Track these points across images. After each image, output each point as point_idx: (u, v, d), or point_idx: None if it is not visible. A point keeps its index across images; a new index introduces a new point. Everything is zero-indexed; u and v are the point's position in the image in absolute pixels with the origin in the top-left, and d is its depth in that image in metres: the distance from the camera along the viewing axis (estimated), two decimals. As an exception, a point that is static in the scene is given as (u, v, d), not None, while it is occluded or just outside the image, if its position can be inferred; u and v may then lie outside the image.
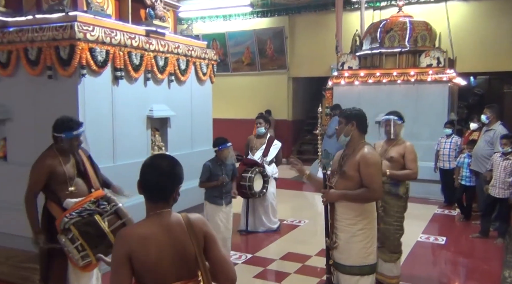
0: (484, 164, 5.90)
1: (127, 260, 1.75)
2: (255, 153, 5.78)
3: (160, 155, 2.02)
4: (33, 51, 4.31)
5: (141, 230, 1.81)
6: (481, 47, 10.05)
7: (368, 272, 3.02)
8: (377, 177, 2.98)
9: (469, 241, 5.79)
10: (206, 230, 1.89)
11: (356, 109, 3.24)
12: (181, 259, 1.82)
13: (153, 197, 1.87)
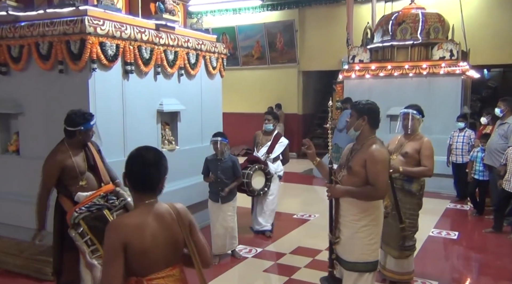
0: (497, 158, 5.80)
1: (122, 250, 1.79)
2: (260, 149, 5.56)
3: (145, 147, 2.06)
4: (44, 46, 4.33)
5: (134, 219, 1.88)
6: (495, 39, 9.87)
7: (371, 268, 2.96)
8: (383, 175, 2.89)
9: (482, 236, 5.72)
10: (190, 218, 2.02)
11: (369, 102, 3.10)
12: (172, 246, 1.91)
13: (140, 188, 1.93)
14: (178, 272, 1.94)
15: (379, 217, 3.01)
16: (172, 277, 1.91)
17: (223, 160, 4.67)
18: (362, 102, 3.10)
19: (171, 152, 5.29)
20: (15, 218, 4.63)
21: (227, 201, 4.71)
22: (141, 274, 1.85)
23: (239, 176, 4.85)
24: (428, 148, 3.91)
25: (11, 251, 4.48)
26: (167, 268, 1.89)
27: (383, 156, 2.91)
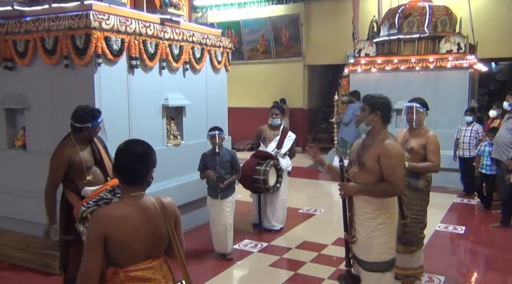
0: (505, 152, 5.74)
1: (102, 240, 1.83)
2: (268, 145, 5.39)
3: (133, 140, 2.11)
4: (49, 41, 4.33)
5: (117, 211, 1.91)
6: (503, 32, 9.76)
7: (390, 268, 2.89)
8: (399, 169, 2.81)
9: (489, 231, 5.68)
10: (177, 214, 2.05)
11: (383, 97, 2.98)
12: (154, 239, 1.93)
13: (128, 180, 1.97)
14: (158, 264, 1.96)
15: (394, 214, 2.95)
16: (152, 269, 1.92)
17: (221, 154, 4.55)
18: (375, 97, 2.99)
19: (176, 146, 5.29)
20: (22, 213, 4.66)
21: (226, 196, 4.57)
22: (120, 265, 1.88)
23: (238, 169, 4.74)
24: (434, 143, 3.83)
25: (18, 245, 4.52)
26: (147, 260, 1.92)
27: (397, 150, 2.83)
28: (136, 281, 1.88)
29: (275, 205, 5.43)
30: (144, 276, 1.90)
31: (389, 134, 2.92)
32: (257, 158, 5.30)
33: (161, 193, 4.86)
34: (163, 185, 5.01)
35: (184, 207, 5.31)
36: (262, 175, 5.07)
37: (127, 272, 1.87)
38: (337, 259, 4.61)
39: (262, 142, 5.47)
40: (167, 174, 5.09)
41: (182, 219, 6.02)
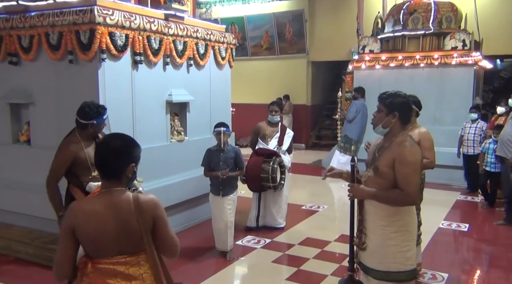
0: (510, 149, 5.72)
1: (71, 232, 1.86)
2: (269, 142, 5.34)
3: (114, 134, 2.07)
4: (54, 36, 4.34)
5: (87, 206, 1.93)
6: (509, 29, 9.68)
7: (406, 278, 2.67)
8: (414, 178, 2.57)
9: (493, 228, 5.67)
10: (156, 212, 1.97)
11: (401, 95, 2.71)
12: (125, 236, 1.90)
13: (104, 175, 1.95)
14: (135, 261, 1.93)
15: (411, 222, 2.71)
16: (125, 264, 1.91)
17: (225, 151, 4.55)
18: (392, 95, 2.71)
19: (180, 142, 5.29)
20: (26, 207, 4.68)
21: (228, 193, 4.54)
22: (92, 257, 1.91)
23: (242, 167, 4.71)
24: (427, 139, 3.74)
25: (22, 239, 4.54)
26: (120, 255, 1.91)
27: (414, 156, 2.59)
28: (103, 274, 1.88)
29: (279, 202, 5.40)
30: (115, 270, 1.89)
31: (407, 137, 2.69)
32: (259, 155, 5.20)
33: (165, 188, 4.88)
34: (167, 180, 5.02)
35: (187, 203, 5.33)
36: (270, 173, 5.01)
37: (96, 264, 1.89)
38: (340, 255, 4.62)
39: (261, 139, 5.39)
40: (170, 170, 5.11)
41: (186, 215, 6.03)
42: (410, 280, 2.70)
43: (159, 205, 2.01)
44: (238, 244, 4.98)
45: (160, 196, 4.83)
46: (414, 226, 2.74)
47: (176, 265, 4.39)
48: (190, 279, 4.09)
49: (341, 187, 7.80)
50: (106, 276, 1.89)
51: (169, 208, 4.98)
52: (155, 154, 4.88)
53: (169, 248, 2.03)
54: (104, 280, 1.88)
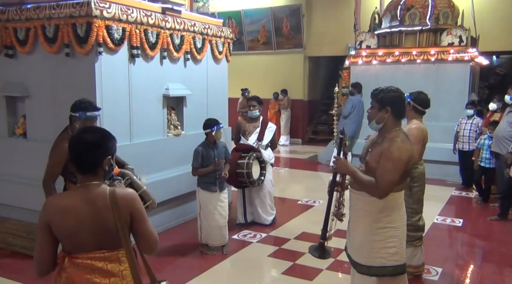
0: (505, 145, 5.76)
1: (47, 228, 1.85)
2: (248, 137, 5.24)
3: (87, 128, 2.07)
4: (50, 29, 4.32)
5: (62, 201, 1.90)
6: (505, 25, 9.72)
7: (388, 273, 2.68)
8: (391, 174, 2.55)
9: (486, 224, 5.72)
10: (134, 206, 1.93)
11: (392, 90, 2.71)
12: (101, 231, 1.87)
13: (80, 169, 1.92)
14: (114, 256, 1.90)
15: (399, 218, 2.71)
16: (103, 260, 1.88)
17: (216, 146, 4.52)
18: (383, 91, 2.72)
19: (176, 136, 5.30)
20: (22, 201, 4.68)
21: (224, 187, 4.56)
22: (69, 251, 1.89)
23: (229, 159, 4.70)
24: (411, 134, 3.57)
25: (18, 233, 4.55)
26: (99, 250, 1.88)
27: (400, 154, 2.57)
28: (81, 269, 1.86)
29: (262, 199, 5.32)
30: (93, 265, 1.87)
31: (401, 133, 2.68)
32: (238, 151, 5.12)
33: (161, 182, 4.89)
34: (163, 174, 5.03)
35: (184, 197, 5.34)
36: (245, 169, 4.93)
37: (74, 258, 1.88)
38: (335, 250, 4.64)
39: (242, 135, 5.32)
40: (167, 164, 5.11)
41: (181, 210, 6.02)
42: (393, 275, 2.71)
43: (137, 200, 1.97)
44: (234, 238, 5.01)
45: (157, 190, 4.85)
46: (401, 223, 2.72)
47: (171, 260, 4.41)
48: (186, 273, 4.11)
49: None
50: (84, 272, 1.86)
51: (165, 202, 5.00)
52: (151, 148, 4.88)
53: (148, 243, 1.98)
54: (82, 275, 1.86)
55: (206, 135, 4.50)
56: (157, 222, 4.97)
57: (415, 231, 3.87)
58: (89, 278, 1.86)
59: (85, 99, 3.39)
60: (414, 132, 3.68)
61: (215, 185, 4.49)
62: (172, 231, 5.10)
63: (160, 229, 5.04)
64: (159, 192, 4.85)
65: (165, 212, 5.09)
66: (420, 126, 3.75)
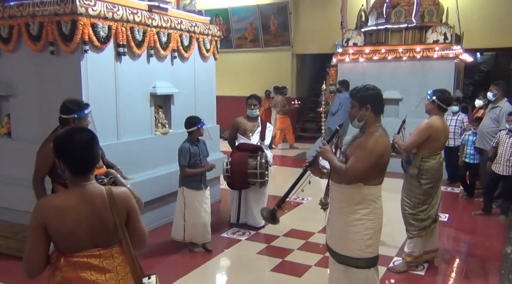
0: (489, 141, 5.87)
1: (41, 229, 1.83)
2: (250, 137, 5.15)
3: (75, 128, 2.08)
4: (34, 27, 4.26)
5: (59, 202, 1.88)
6: (488, 23, 9.87)
7: (366, 265, 2.80)
8: (362, 163, 2.67)
9: (471, 218, 5.82)
10: (130, 204, 1.98)
11: (370, 88, 2.82)
12: (99, 229, 1.89)
13: (77, 170, 1.91)
14: (108, 253, 1.93)
15: (376, 211, 2.80)
16: (99, 257, 1.90)
17: (198, 143, 4.52)
18: (361, 90, 2.83)
19: (164, 135, 5.27)
20: (7, 201, 4.61)
21: (208, 184, 4.60)
22: (64, 252, 1.88)
23: (208, 154, 4.67)
24: (417, 128, 3.98)
25: (4, 233, 4.48)
26: (95, 248, 1.90)
27: (374, 145, 2.70)
28: (76, 267, 1.87)
29: (263, 200, 5.24)
30: (89, 263, 1.88)
31: (380, 128, 2.79)
32: (242, 151, 5.03)
33: (149, 181, 4.87)
34: (151, 173, 5.01)
35: (172, 196, 5.31)
36: (258, 169, 4.90)
37: (69, 257, 1.87)
38: (324, 246, 4.66)
39: (242, 134, 5.18)
40: (155, 163, 5.09)
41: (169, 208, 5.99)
42: (369, 267, 2.81)
43: (132, 198, 2.02)
44: (223, 236, 5.01)
45: (145, 189, 4.84)
46: (378, 216, 2.82)
47: (161, 258, 4.40)
48: (175, 272, 4.11)
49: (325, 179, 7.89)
50: (80, 269, 1.87)
51: (154, 200, 4.98)
52: (139, 146, 4.86)
53: (140, 239, 2.03)
54: (78, 273, 1.86)
55: (190, 133, 4.49)
56: (146, 220, 4.88)
57: (416, 221, 4.02)
58: (85, 276, 1.87)
59: (72, 99, 3.37)
60: (421, 126, 3.94)
61: (201, 182, 4.49)
62: (161, 230, 5.07)
63: (149, 228, 5.01)
64: (147, 191, 4.84)
65: (153, 211, 5.07)
66: (430, 122, 3.96)
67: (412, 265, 4.13)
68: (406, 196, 4.07)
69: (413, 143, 3.93)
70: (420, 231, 4.03)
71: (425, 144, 3.94)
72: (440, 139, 4.00)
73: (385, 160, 2.77)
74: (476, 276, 4.17)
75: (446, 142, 4.18)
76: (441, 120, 4.05)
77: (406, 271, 4.12)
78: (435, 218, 4.15)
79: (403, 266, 4.14)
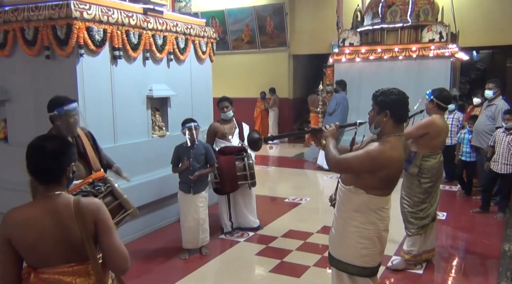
0: (485, 139, 5.88)
1: (7, 243, 1.76)
2: (231, 139, 5.02)
3: (45, 136, 1.97)
4: (29, 31, 4.26)
5: (22, 214, 1.79)
6: (485, 21, 9.90)
7: (356, 273, 2.64)
8: (354, 159, 2.50)
9: (469, 216, 5.83)
10: (99, 217, 1.83)
11: (394, 93, 2.55)
12: (67, 243, 1.78)
13: (43, 180, 1.83)
14: (83, 270, 1.81)
15: (375, 222, 2.58)
16: (72, 275, 1.78)
17: (195, 147, 4.41)
18: (384, 93, 2.57)
19: (161, 137, 5.27)
20: (4, 206, 4.56)
21: (199, 191, 4.43)
22: (34, 266, 1.79)
23: (212, 163, 4.55)
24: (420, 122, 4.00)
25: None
26: (66, 264, 1.78)
27: (378, 154, 2.45)
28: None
29: (251, 201, 5.20)
30: (61, 280, 1.76)
31: (398, 140, 2.53)
32: (227, 154, 4.92)
33: (147, 184, 4.87)
34: (149, 176, 5.01)
35: (170, 199, 5.31)
36: (248, 169, 4.88)
37: (40, 274, 1.77)
38: (323, 246, 4.69)
39: (221, 138, 5.02)
40: (152, 165, 5.09)
41: (167, 211, 5.95)
42: (361, 276, 2.64)
43: (102, 209, 1.86)
44: (222, 238, 5.01)
45: (142, 192, 4.83)
46: (378, 228, 2.60)
47: (159, 261, 4.39)
48: (173, 275, 4.10)
49: (323, 179, 7.91)
50: None
51: (151, 203, 4.98)
52: (136, 149, 4.86)
53: (115, 259, 1.82)
54: None
55: (183, 134, 4.45)
56: (143, 224, 4.95)
57: (415, 219, 4.05)
58: None
59: (57, 96, 3.30)
60: (422, 122, 3.97)
61: (189, 186, 4.40)
62: (158, 233, 5.08)
63: (146, 231, 5.02)
64: (145, 194, 4.84)
65: (151, 214, 5.07)
66: (432, 120, 3.99)
67: (410, 263, 4.14)
68: (405, 194, 4.08)
69: (409, 134, 3.84)
70: (419, 229, 4.05)
71: (424, 142, 3.96)
72: (440, 137, 4.02)
73: (387, 173, 2.51)
74: (474, 274, 4.18)
75: (445, 141, 4.19)
76: (442, 119, 4.08)
77: (404, 269, 4.13)
78: (434, 216, 4.16)
79: (402, 264, 4.15)
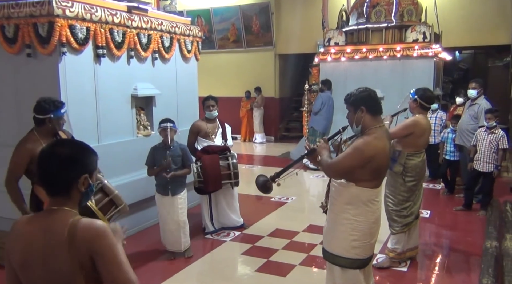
0: (468, 138, 5.98)
1: (7, 257, 1.57)
2: (214, 139, 4.99)
3: (61, 140, 1.80)
4: (10, 29, 4.17)
5: (21, 225, 1.56)
6: (467, 22, 10.05)
7: (347, 265, 2.75)
8: (346, 160, 2.67)
9: (452, 214, 5.92)
10: (95, 249, 1.47)
11: (362, 90, 2.79)
12: (54, 271, 1.48)
13: (47, 190, 1.56)
14: None
15: (366, 214, 2.71)
16: None
17: (171, 148, 4.32)
18: (353, 93, 2.80)
19: (146, 137, 5.22)
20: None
21: (177, 192, 4.35)
22: None
23: (189, 165, 4.47)
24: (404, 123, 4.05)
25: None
26: None
27: (365, 146, 2.62)
28: None
29: (232, 201, 5.18)
30: None
31: (378, 130, 2.71)
32: (212, 153, 4.87)
33: (131, 184, 4.82)
34: (133, 176, 4.95)
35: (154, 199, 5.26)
36: (232, 169, 4.86)
37: None
38: (309, 245, 4.71)
39: (203, 137, 4.98)
40: (137, 165, 5.01)
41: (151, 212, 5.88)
42: (352, 268, 2.76)
43: (104, 236, 1.49)
44: (208, 237, 4.99)
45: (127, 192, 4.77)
46: (368, 220, 2.73)
47: (143, 263, 4.35)
48: (158, 276, 4.07)
49: (309, 179, 7.94)
50: None
51: (136, 204, 4.93)
52: (121, 149, 4.80)
53: None
54: None
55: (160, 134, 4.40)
56: (127, 224, 4.87)
57: (399, 217, 4.10)
58: None
59: (48, 97, 3.28)
60: (407, 122, 4.03)
61: (166, 188, 4.34)
62: (142, 234, 5.03)
63: (130, 232, 4.96)
64: (129, 194, 4.76)
65: (135, 214, 5.01)
66: (416, 119, 4.05)
67: (395, 261, 4.18)
68: (390, 193, 4.12)
69: (394, 134, 3.92)
70: (403, 227, 4.10)
71: (409, 141, 4.00)
72: (424, 136, 4.08)
73: (377, 163, 2.66)
74: (457, 271, 4.25)
75: (429, 140, 4.26)
76: (425, 118, 4.14)
77: (389, 267, 4.17)
78: (418, 214, 4.21)
79: (387, 262, 4.19)
